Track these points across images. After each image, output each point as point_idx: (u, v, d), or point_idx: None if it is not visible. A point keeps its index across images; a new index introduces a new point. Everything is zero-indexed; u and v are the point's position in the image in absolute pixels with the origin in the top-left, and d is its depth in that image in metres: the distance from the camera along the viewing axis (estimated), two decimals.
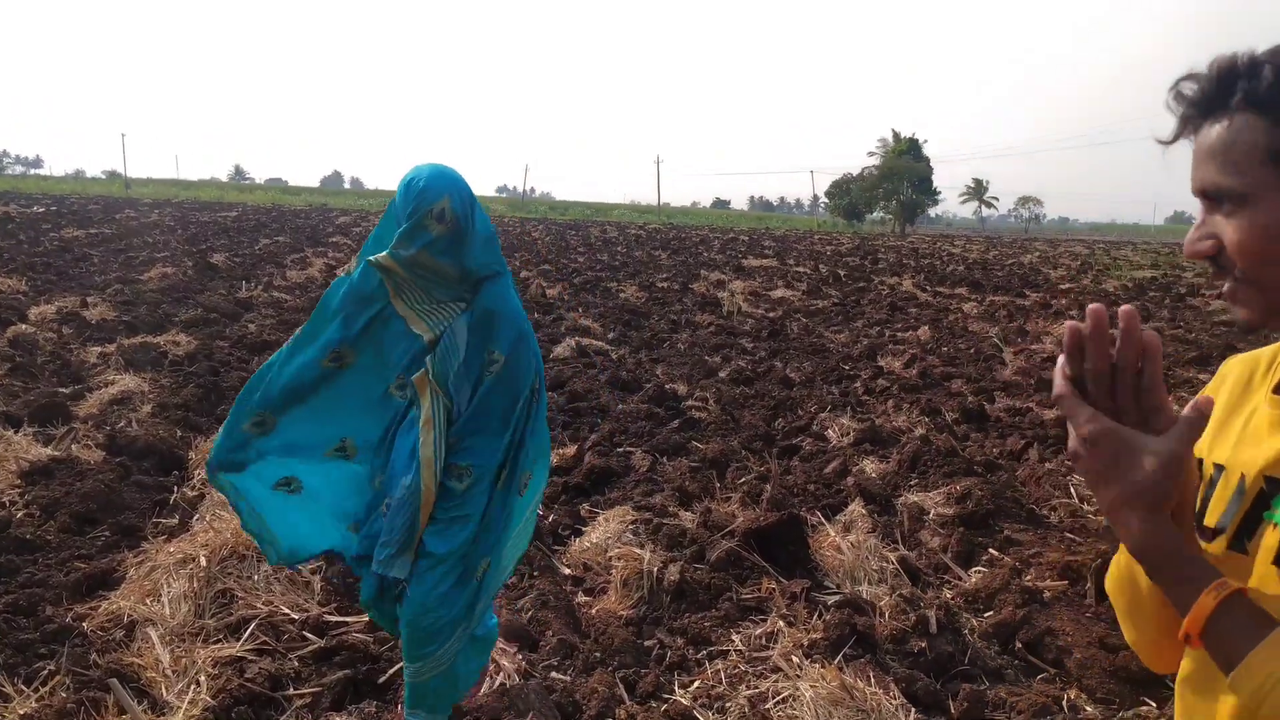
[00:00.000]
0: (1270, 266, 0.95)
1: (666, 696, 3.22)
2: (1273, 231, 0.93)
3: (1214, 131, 0.96)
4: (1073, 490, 5.52)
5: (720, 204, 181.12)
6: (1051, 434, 6.85)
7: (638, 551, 4.00)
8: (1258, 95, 0.93)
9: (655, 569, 3.91)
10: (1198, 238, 1.01)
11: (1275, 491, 0.97)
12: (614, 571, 4.04)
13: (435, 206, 2.33)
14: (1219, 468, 1.07)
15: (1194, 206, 1.02)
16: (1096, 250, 46.75)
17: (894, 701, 2.98)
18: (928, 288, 19.01)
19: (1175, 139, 1.01)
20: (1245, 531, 0.99)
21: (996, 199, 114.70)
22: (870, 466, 5.91)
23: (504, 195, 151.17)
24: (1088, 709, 3.24)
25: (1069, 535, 4.85)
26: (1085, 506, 5.33)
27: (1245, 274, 0.96)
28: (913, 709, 3.00)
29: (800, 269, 23.21)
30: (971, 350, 10.74)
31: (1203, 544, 1.02)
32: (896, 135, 78.50)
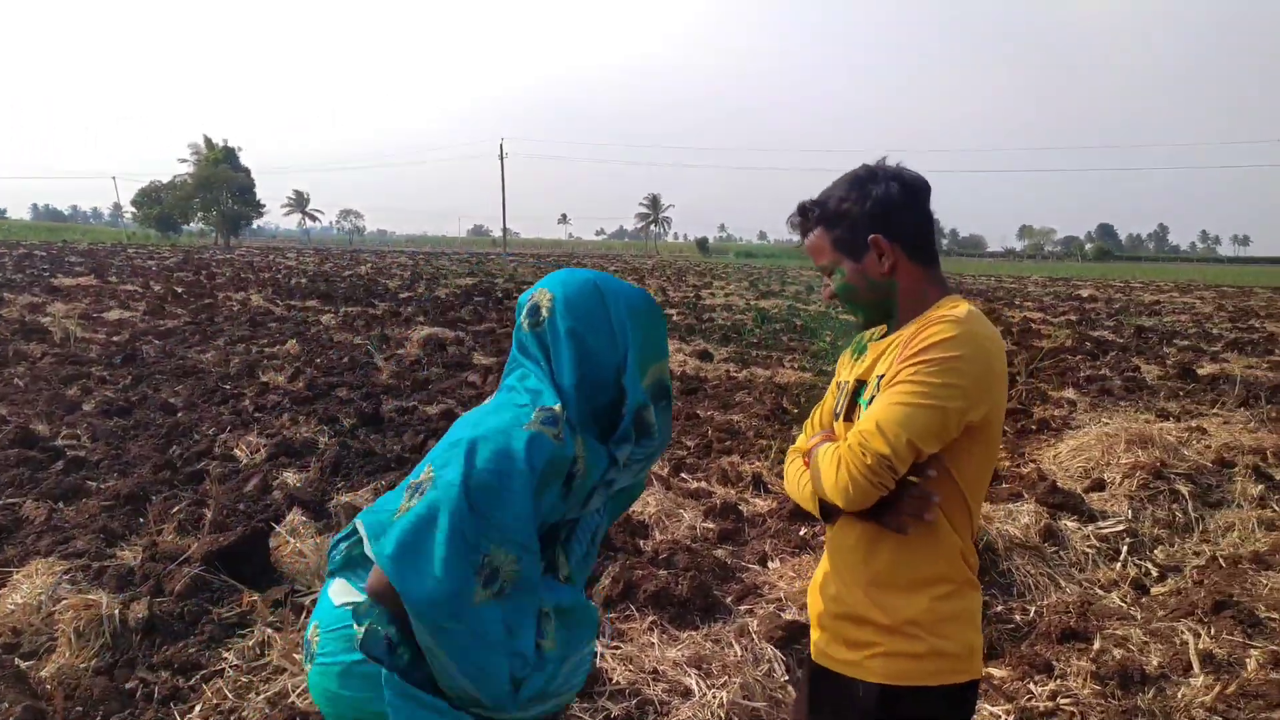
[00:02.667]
0: (855, 299, 1.91)
1: None
2: (849, 280, 1.89)
3: (810, 238, 1.94)
4: None
5: None
6: (439, 427, 7.79)
7: (92, 598, 3.71)
8: (824, 218, 1.89)
9: (116, 611, 3.69)
10: (826, 290, 1.96)
11: (858, 388, 1.91)
12: (60, 625, 3.68)
13: None
14: (842, 384, 2.01)
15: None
16: (419, 261, 51.05)
17: None
18: (280, 302, 19.01)
19: (800, 244, 1.88)
20: (850, 411, 1.91)
21: (321, 211, 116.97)
22: (292, 477, 6.10)
23: None
24: None
25: None
26: None
27: (845, 302, 1.94)
28: None
29: (129, 287, 21.21)
30: (346, 359, 11.28)
31: (836, 423, 1.93)
32: (210, 142, 74.91)
